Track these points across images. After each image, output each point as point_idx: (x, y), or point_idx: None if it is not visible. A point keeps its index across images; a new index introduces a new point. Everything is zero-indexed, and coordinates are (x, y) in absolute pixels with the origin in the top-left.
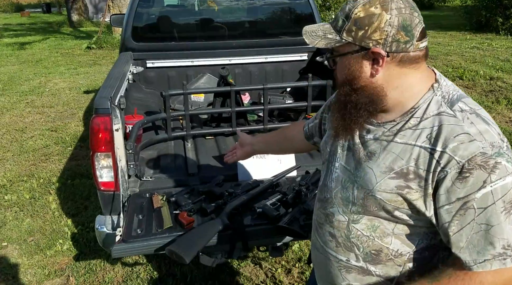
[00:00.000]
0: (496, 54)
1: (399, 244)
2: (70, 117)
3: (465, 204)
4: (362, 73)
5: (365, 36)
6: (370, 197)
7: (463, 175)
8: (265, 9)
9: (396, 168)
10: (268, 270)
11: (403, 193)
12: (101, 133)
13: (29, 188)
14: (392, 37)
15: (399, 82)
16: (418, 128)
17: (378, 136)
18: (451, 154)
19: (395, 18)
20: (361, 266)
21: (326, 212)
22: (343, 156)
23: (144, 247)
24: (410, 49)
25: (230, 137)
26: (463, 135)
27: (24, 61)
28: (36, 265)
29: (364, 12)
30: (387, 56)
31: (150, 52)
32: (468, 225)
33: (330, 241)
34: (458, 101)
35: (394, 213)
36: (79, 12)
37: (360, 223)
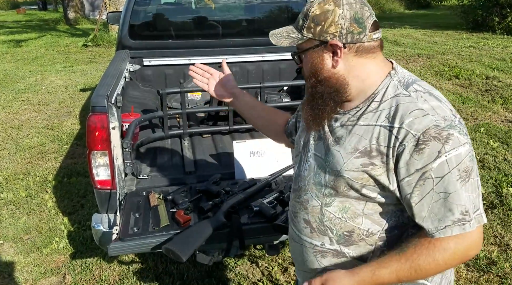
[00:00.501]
0: (492, 53)
1: (369, 223)
2: (66, 115)
3: (424, 175)
4: (324, 65)
5: (322, 30)
6: (339, 178)
7: (419, 146)
8: (262, 8)
9: (361, 148)
10: (264, 268)
11: (368, 170)
12: (97, 131)
13: (25, 186)
14: (346, 29)
15: (359, 71)
16: (378, 110)
17: (344, 122)
18: (407, 129)
19: (347, 12)
20: (335, 248)
21: (300, 200)
22: (314, 145)
23: (140, 245)
24: (364, 39)
25: (227, 136)
26: (417, 111)
27: (20, 59)
28: (32, 263)
29: (319, 10)
30: (344, 47)
31: (147, 50)
32: (428, 194)
33: (305, 228)
34: (413, 84)
35: (362, 190)
36: (76, 9)
37: (332, 205)
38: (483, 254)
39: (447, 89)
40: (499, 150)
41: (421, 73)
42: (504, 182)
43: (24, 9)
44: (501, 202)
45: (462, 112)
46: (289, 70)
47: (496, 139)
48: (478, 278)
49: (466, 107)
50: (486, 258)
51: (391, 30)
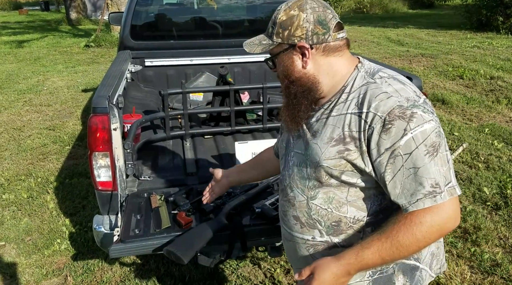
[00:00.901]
0: (496, 53)
1: (354, 211)
2: (68, 116)
3: (393, 153)
4: (295, 67)
5: (290, 34)
6: (319, 168)
7: (386, 127)
8: (264, 8)
9: (335, 136)
10: (267, 270)
11: (344, 156)
12: (99, 132)
13: (27, 187)
14: (311, 31)
15: (328, 69)
16: (348, 100)
17: (318, 117)
18: (373, 111)
19: (310, 16)
20: (326, 240)
21: (288, 198)
22: (295, 144)
23: (142, 247)
24: (329, 39)
25: (229, 137)
26: (382, 94)
27: (22, 60)
28: (34, 264)
29: (286, 16)
30: (311, 48)
31: (148, 51)
32: (399, 171)
33: (295, 224)
34: (378, 72)
35: (341, 177)
36: (78, 10)
37: (317, 198)
38: (487, 256)
39: (451, 90)
40: (503, 151)
41: (425, 73)
42: (509, 183)
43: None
44: (506, 204)
45: (466, 112)
46: None
47: (501, 140)
48: (483, 280)
49: (470, 107)
50: (490, 260)
51: (395, 30)
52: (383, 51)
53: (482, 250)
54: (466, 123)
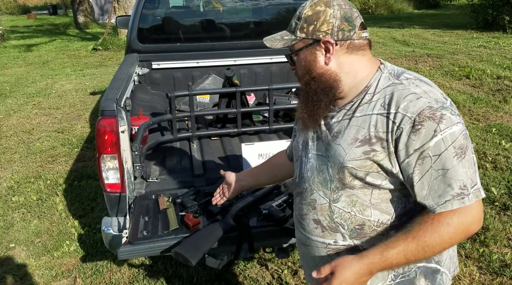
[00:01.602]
0: (503, 53)
1: (378, 214)
2: (76, 119)
3: (422, 154)
4: (317, 63)
5: (315, 29)
6: (343, 169)
7: (415, 127)
8: (270, 10)
9: (360, 137)
10: (274, 271)
11: (370, 157)
12: (107, 135)
13: (36, 190)
14: (337, 27)
15: (350, 67)
16: (373, 101)
17: (340, 118)
18: (403, 112)
19: (337, 12)
20: (349, 244)
21: (307, 201)
22: (314, 146)
23: (150, 248)
24: (354, 37)
25: (236, 138)
26: (411, 95)
27: (31, 63)
28: (44, 266)
29: (311, 11)
30: (336, 44)
31: (155, 54)
32: (427, 172)
33: (315, 228)
34: (403, 73)
35: (366, 178)
36: (85, 13)
37: (340, 201)
38: (496, 256)
39: (457, 90)
40: (511, 151)
41: (431, 73)
42: None
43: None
44: None
45: (473, 112)
46: None
47: (508, 139)
48: (491, 281)
49: (477, 107)
50: (499, 260)
51: (400, 30)
52: (389, 52)
53: (491, 251)
54: (473, 123)
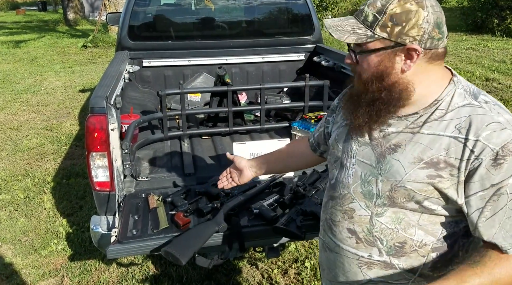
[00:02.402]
0: (492, 55)
1: (423, 234)
2: (65, 116)
3: (499, 190)
4: (394, 70)
5: (402, 32)
6: (399, 188)
7: (497, 161)
8: (262, 9)
9: (426, 158)
10: (264, 271)
11: (434, 182)
12: (96, 132)
13: (23, 187)
14: (428, 34)
15: (425, 77)
16: (445, 120)
17: (401, 129)
18: (484, 142)
19: (431, 16)
20: (384, 260)
21: (343, 209)
22: (360, 151)
23: (139, 248)
24: (440, 46)
25: (227, 137)
26: (494, 124)
27: (19, 60)
28: (31, 265)
29: (400, 8)
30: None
31: (146, 51)
32: (501, 210)
33: (349, 238)
34: (479, 94)
35: (423, 203)
36: (75, 10)
37: (384, 216)
38: None
39: None
40: None
41: None
42: None
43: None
44: None
45: None
46: (289, 72)
47: None
48: None
49: None
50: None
51: None
52: None
53: None
54: None
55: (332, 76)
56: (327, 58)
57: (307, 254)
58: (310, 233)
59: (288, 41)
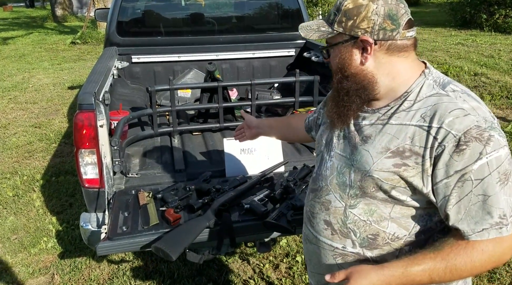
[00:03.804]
0: (480, 50)
1: (395, 227)
2: (54, 114)
3: (463, 176)
4: (352, 61)
5: (354, 25)
6: (368, 178)
7: (460, 147)
8: (252, 5)
9: (392, 147)
10: (255, 266)
11: (399, 171)
12: (85, 129)
13: (12, 185)
14: (379, 25)
15: (389, 69)
16: (412, 110)
17: (373, 121)
18: (447, 128)
19: (381, 8)
20: (358, 252)
21: (321, 201)
22: (338, 144)
23: (129, 244)
24: (396, 37)
25: (218, 133)
26: (457, 110)
27: (7, 57)
28: (20, 263)
29: (352, 4)
30: (375, 44)
31: (135, 47)
32: (466, 196)
33: (325, 229)
34: (449, 84)
35: (391, 192)
36: (63, 6)
37: (357, 207)
38: None
39: None
40: None
41: None
42: None
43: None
44: None
45: None
46: (280, 67)
47: None
48: None
49: None
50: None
51: None
52: None
53: None
54: None
55: (322, 71)
56: (317, 53)
57: (298, 248)
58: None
59: (278, 37)
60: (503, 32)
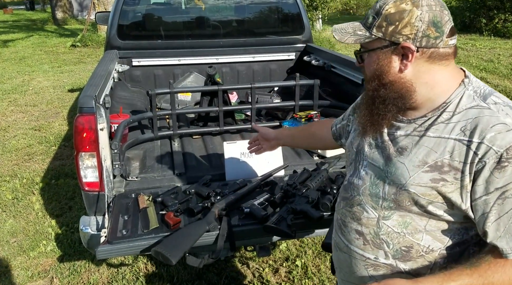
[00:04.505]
0: (479, 54)
1: (430, 240)
2: (54, 116)
3: (503, 194)
4: (391, 68)
5: (395, 31)
6: (403, 191)
7: (501, 164)
8: (252, 8)
9: (430, 161)
10: (255, 270)
11: (437, 186)
12: (85, 132)
13: (11, 188)
14: (422, 32)
15: (429, 78)
16: (451, 122)
17: (409, 132)
18: (488, 144)
19: (425, 14)
20: (390, 263)
21: (353, 210)
22: (370, 154)
23: (129, 248)
24: (440, 45)
25: (218, 137)
26: (500, 126)
27: (7, 59)
28: (19, 266)
29: (395, 8)
30: (417, 51)
31: (136, 51)
32: (506, 214)
33: (357, 239)
34: (490, 95)
35: (427, 207)
36: (64, 9)
37: (391, 219)
38: None
39: None
40: None
41: None
42: None
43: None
44: None
45: None
46: (280, 71)
47: None
48: None
49: None
50: None
51: None
52: None
53: None
54: None
55: (322, 75)
56: (317, 57)
57: (298, 252)
58: (300, 231)
59: (279, 41)
60: (502, 36)
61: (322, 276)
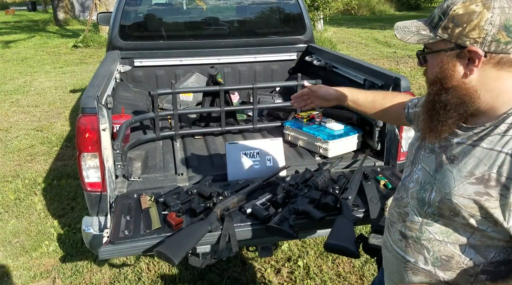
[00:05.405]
0: None
1: (473, 253)
2: (56, 117)
3: None
4: (455, 73)
5: (462, 33)
6: (446, 201)
7: None
8: (254, 9)
9: (477, 173)
10: (257, 270)
11: (480, 200)
12: (87, 133)
13: (14, 189)
14: (492, 36)
15: (495, 85)
16: (507, 135)
17: (464, 140)
18: None
19: (497, 17)
20: (429, 270)
21: (399, 211)
22: (425, 158)
23: (131, 248)
24: (510, 50)
25: (219, 137)
26: None
27: (9, 60)
28: (22, 267)
29: (463, 9)
30: (485, 56)
31: (137, 51)
32: None
33: (400, 241)
34: None
35: (469, 220)
36: (65, 10)
37: (434, 226)
38: None
39: None
40: None
41: (412, 74)
42: None
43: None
44: None
45: None
46: (281, 71)
47: None
48: None
49: None
50: None
51: (382, 32)
52: (371, 53)
53: None
54: None
55: (324, 75)
56: (319, 57)
57: (300, 253)
58: (302, 232)
59: (280, 41)
60: None
61: (324, 276)
